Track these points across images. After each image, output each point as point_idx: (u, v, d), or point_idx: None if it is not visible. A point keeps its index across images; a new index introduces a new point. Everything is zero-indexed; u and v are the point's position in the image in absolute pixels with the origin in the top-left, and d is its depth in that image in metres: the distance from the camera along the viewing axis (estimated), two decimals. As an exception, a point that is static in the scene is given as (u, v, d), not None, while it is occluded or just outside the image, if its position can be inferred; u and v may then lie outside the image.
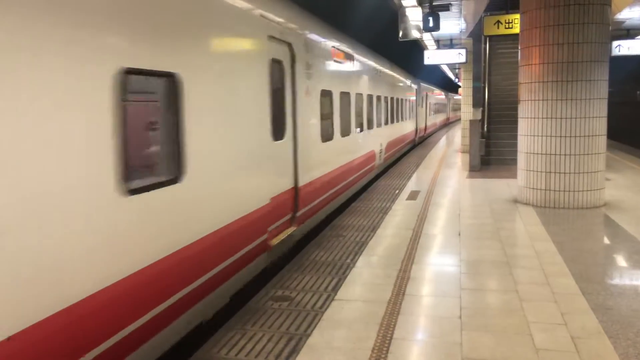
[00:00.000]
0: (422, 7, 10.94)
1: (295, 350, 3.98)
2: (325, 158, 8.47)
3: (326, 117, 8.55)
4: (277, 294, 5.27)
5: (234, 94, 5.11)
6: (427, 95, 28.32)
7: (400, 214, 8.80)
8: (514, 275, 5.60)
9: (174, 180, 4.00)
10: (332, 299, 5.02)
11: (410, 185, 11.74)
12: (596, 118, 8.82)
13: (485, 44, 16.09)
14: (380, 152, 14.06)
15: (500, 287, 5.31)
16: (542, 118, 9.05)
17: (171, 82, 4.02)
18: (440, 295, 5.12)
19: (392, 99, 16.26)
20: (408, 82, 20.74)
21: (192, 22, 4.32)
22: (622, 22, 16.04)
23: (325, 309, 4.78)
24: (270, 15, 6.06)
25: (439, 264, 6.21)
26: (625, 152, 17.08)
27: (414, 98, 22.77)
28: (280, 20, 6.40)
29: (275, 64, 6.28)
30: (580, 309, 4.64)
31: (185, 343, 4.48)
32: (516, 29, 13.97)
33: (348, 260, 6.23)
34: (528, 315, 4.51)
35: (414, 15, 11.31)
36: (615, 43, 16.30)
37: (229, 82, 5.01)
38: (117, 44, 3.40)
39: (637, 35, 17.25)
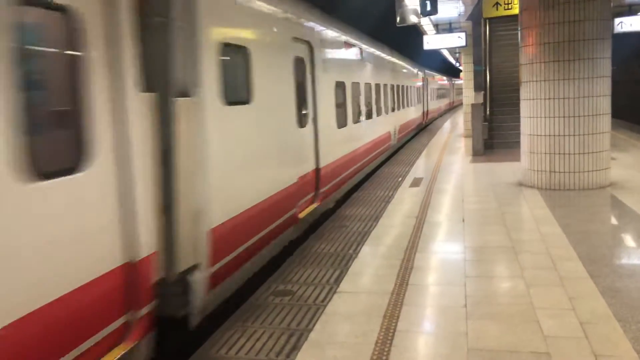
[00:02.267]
0: (419, -9, 10.74)
1: (296, 347, 3.89)
2: (341, 142, 9.43)
3: (340, 105, 9.44)
4: (278, 288, 5.18)
5: (271, 88, 6.09)
6: (431, 81, 29.92)
7: (403, 201, 8.69)
8: (519, 260, 5.48)
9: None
10: (335, 292, 4.92)
11: (414, 172, 11.61)
12: (599, 97, 8.64)
13: (485, 26, 15.82)
14: (395, 133, 16.02)
15: (506, 273, 5.20)
16: (545, 99, 8.88)
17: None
18: (444, 284, 5.02)
19: (400, 87, 17.44)
20: (415, 70, 21.96)
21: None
22: (623, -2, 15.78)
23: (328, 302, 4.69)
24: (294, 18, 7.06)
25: (442, 251, 6.10)
26: (629, 130, 16.86)
27: (420, 84, 24.24)
28: (301, 21, 7.41)
29: (298, 61, 7.20)
30: (589, 293, 4.52)
31: (185, 342, 4.41)
32: (516, 10, 13.73)
33: (350, 252, 6.12)
34: (535, 302, 4.40)
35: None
36: (617, 20, 16.03)
37: (269, 78, 6.01)
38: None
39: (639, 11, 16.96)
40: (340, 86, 9.36)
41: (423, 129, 24.85)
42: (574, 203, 7.89)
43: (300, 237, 7.13)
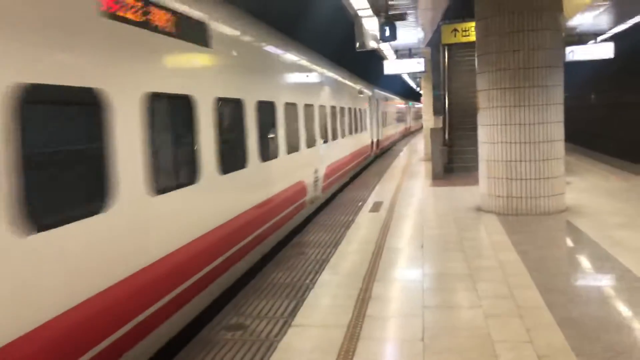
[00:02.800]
0: (378, 17, 10.83)
1: (245, 388, 3.67)
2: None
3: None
4: (231, 321, 4.94)
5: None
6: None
7: (363, 227, 8.58)
8: (477, 289, 5.41)
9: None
10: (289, 325, 4.72)
11: (374, 197, 11.55)
12: (553, 123, 8.82)
13: (444, 52, 16.15)
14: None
15: (464, 303, 5.11)
16: (501, 125, 9.01)
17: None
18: (402, 316, 4.88)
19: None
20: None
21: None
22: (574, 29, 16.37)
23: (282, 337, 4.48)
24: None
25: (401, 279, 5.99)
26: (582, 155, 17.37)
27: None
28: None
29: None
30: (546, 324, 4.46)
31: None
32: (473, 37, 13.98)
33: (307, 281, 5.94)
34: (493, 333, 4.31)
35: (371, 25, 11.20)
36: (568, 49, 16.62)
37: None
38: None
39: (589, 40, 17.65)
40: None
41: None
42: (530, 229, 7.95)
43: (260, 263, 6.90)
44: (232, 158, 6.17)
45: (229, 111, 6.27)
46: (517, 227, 8.00)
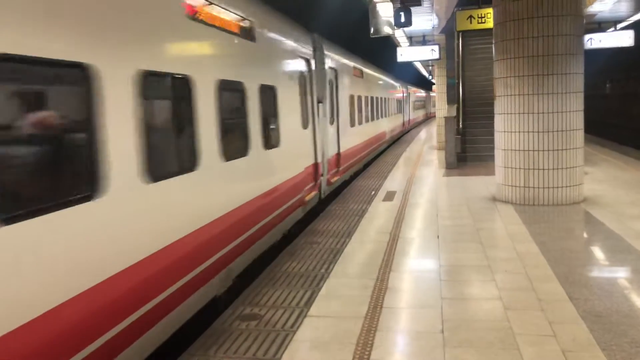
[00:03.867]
0: (393, 3, 10.62)
1: (262, 380, 3.59)
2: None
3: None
4: (245, 311, 4.87)
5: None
6: (412, 94, 37.46)
7: (376, 216, 8.47)
8: (496, 280, 5.29)
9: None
10: (305, 316, 4.64)
11: (387, 185, 11.43)
12: (573, 112, 8.62)
13: (458, 39, 15.87)
14: (392, 132, 23.18)
15: (483, 295, 4.99)
16: (519, 113, 8.82)
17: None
18: (420, 307, 4.78)
19: (391, 99, 23.57)
20: (398, 85, 27.58)
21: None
22: (593, 15, 16.02)
23: (297, 328, 4.40)
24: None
25: (417, 270, 5.89)
26: (599, 145, 17.09)
27: (403, 97, 30.25)
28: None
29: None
30: (569, 317, 4.34)
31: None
32: (489, 24, 13.79)
33: (322, 271, 5.85)
34: (514, 326, 4.20)
35: (385, 10, 10.99)
36: (587, 36, 16.28)
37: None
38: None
39: (608, 28, 17.27)
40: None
41: (406, 133, 31.67)
42: (548, 219, 7.79)
43: (272, 252, 6.82)
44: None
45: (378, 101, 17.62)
46: (534, 218, 7.84)
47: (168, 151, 4.43)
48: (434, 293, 5.03)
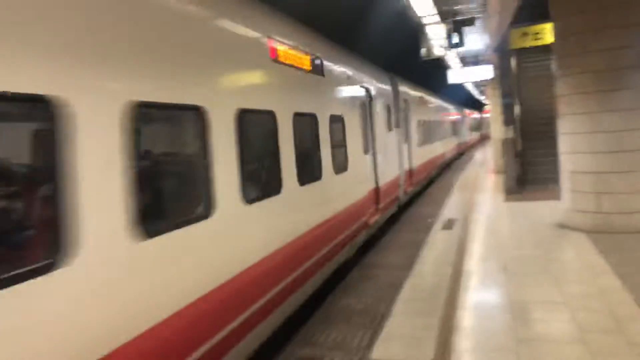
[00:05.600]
0: (445, 23, 10.33)
1: None
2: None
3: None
4: (302, 352, 4.58)
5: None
6: (467, 119, 38.76)
7: (436, 246, 8.03)
8: (577, 319, 4.78)
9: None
10: (367, 360, 4.30)
11: (445, 213, 10.94)
12: (646, 129, 7.96)
13: (513, 57, 15.30)
14: (451, 151, 25.47)
15: (564, 337, 4.49)
16: (586, 133, 8.24)
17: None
18: (494, 350, 4.34)
19: (449, 122, 25.21)
20: (462, 111, 32.07)
21: None
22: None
23: (359, 375, 4.06)
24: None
25: (486, 307, 5.42)
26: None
27: (460, 119, 32.42)
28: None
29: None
30: (670, 366, 3.81)
31: None
32: (545, 40, 13.23)
33: (382, 308, 5.49)
34: (606, 377, 3.71)
35: (436, 32, 10.70)
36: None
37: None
38: None
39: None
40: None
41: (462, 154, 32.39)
42: (628, 248, 7.13)
43: (327, 288, 6.52)
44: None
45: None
46: (611, 247, 7.19)
47: (260, 177, 4.90)
48: (507, 334, 4.58)
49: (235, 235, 4.06)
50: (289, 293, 4.91)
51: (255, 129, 4.83)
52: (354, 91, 8.34)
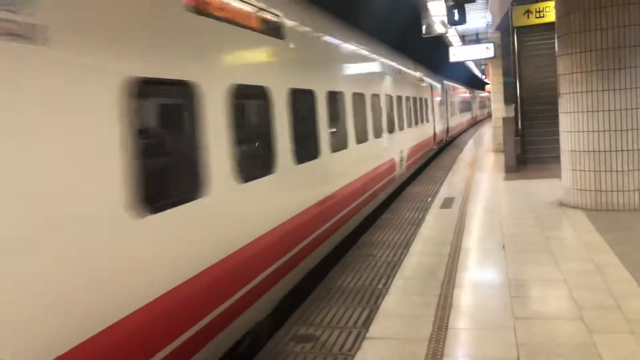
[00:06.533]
0: (446, 0, 10.17)
1: (320, 414, 3.28)
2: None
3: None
4: (299, 332, 4.58)
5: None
6: (477, 98, 46.95)
7: (434, 225, 8.03)
8: (575, 297, 4.78)
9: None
10: (364, 338, 4.30)
11: (443, 192, 10.92)
12: (648, 108, 7.89)
13: (514, 36, 15.13)
14: (469, 121, 35.77)
15: (562, 314, 4.49)
16: (587, 112, 8.17)
17: None
18: (490, 328, 4.34)
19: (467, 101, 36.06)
20: (475, 93, 39.96)
21: None
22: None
23: (356, 352, 4.07)
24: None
25: (484, 285, 5.42)
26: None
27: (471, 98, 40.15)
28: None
29: None
30: (667, 343, 3.81)
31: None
32: (548, 18, 13.08)
33: (380, 286, 5.49)
34: (603, 354, 3.71)
35: (438, 9, 10.55)
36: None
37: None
38: None
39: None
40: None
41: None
42: (626, 226, 7.12)
43: (325, 265, 6.53)
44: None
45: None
46: (610, 225, 7.18)
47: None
48: (505, 312, 4.59)
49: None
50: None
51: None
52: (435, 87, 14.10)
